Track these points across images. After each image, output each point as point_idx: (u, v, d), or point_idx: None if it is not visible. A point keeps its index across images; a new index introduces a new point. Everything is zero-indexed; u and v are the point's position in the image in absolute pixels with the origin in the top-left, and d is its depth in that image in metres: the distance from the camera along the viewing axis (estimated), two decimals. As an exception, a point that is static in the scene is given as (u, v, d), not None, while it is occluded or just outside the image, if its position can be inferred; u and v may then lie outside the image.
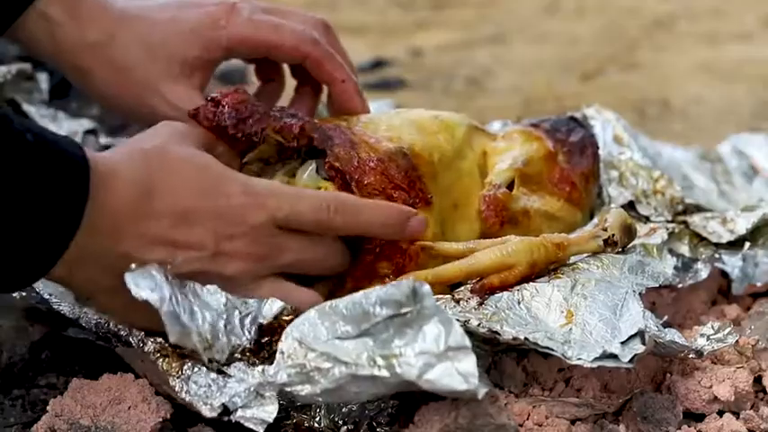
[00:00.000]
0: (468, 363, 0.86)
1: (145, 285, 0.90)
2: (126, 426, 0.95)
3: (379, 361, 0.88)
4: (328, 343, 0.89)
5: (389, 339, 0.88)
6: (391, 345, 0.88)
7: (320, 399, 0.90)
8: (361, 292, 0.90)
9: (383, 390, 0.89)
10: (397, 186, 1.03)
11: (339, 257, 1.01)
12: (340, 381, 0.89)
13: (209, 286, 0.94)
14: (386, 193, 1.03)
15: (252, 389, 0.91)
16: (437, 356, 0.86)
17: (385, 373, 0.87)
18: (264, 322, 0.96)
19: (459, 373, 0.86)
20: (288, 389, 0.90)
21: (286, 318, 0.97)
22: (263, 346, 0.96)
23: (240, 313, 0.96)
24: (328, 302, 0.91)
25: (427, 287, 0.88)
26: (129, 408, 0.96)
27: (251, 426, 0.90)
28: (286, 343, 0.90)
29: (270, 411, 0.90)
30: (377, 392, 0.90)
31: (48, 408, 0.98)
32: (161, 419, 0.96)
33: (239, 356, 0.95)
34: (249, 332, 0.96)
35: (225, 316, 0.94)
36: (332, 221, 0.98)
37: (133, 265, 0.90)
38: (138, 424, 0.95)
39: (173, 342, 0.91)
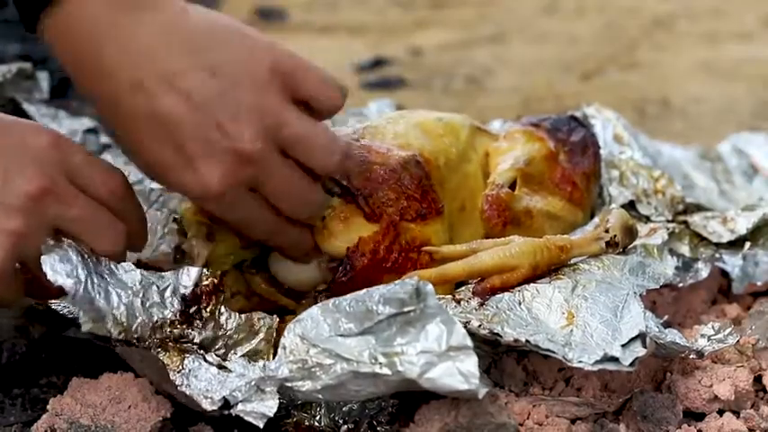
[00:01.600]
0: (470, 363, 0.86)
1: (61, 269, 0.91)
2: (126, 425, 0.95)
3: (381, 359, 0.88)
4: (330, 339, 0.89)
5: (392, 337, 0.88)
6: (393, 343, 0.88)
7: (320, 395, 0.90)
8: (364, 290, 0.90)
9: (383, 388, 0.89)
10: (410, 197, 1.03)
11: (115, 238, 0.96)
12: (341, 377, 0.89)
13: (123, 264, 0.95)
14: (399, 203, 1.02)
15: (252, 383, 0.91)
16: (439, 356, 0.86)
17: (386, 371, 0.87)
18: (187, 292, 0.97)
19: (460, 372, 0.86)
20: (288, 384, 0.90)
21: (206, 282, 0.97)
22: (193, 315, 0.97)
23: (158, 288, 0.96)
24: (332, 300, 0.91)
25: (430, 287, 0.88)
26: (130, 407, 0.96)
27: (251, 420, 0.90)
28: (288, 338, 0.90)
29: (270, 406, 0.90)
30: (377, 390, 0.90)
31: (48, 407, 0.98)
32: (161, 418, 0.96)
33: (168, 330, 0.96)
34: (172, 305, 0.96)
35: (142, 293, 0.95)
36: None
37: (51, 241, 0.92)
38: (138, 423, 0.96)
39: (84, 331, 0.92)
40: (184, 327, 0.96)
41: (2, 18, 1.77)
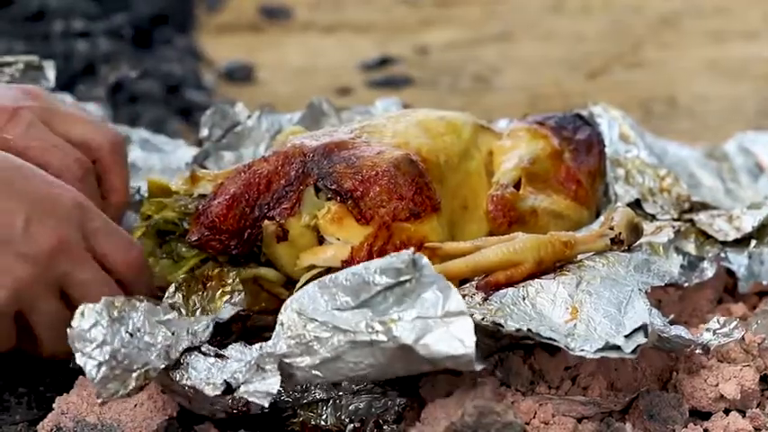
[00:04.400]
0: (465, 328, 0.86)
1: (91, 345, 0.90)
2: (132, 423, 0.96)
3: (378, 326, 0.88)
4: (327, 313, 0.90)
5: (388, 308, 0.89)
6: (390, 311, 0.88)
7: (320, 372, 0.90)
8: (362, 264, 0.91)
9: (381, 358, 0.89)
10: (403, 196, 1.03)
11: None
12: (338, 349, 0.89)
13: (147, 324, 0.94)
14: (390, 203, 1.02)
15: (252, 362, 0.91)
16: (434, 321, 0.87)
17: (382, 337, 0.88)
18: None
19: (455, 337, 0.86)
20: (287, 360, 0.90)
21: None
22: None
23: (189, 333, 0.96)
24: (328, 276, 0.91)
25: (426, 259, 0.88)
26: (135, 405, 0.96)
27: (255, 400, 0.90)
28: (285, 315, 0.91)
29: (273, 383, 0.90)
30: (374, 361, 0.89)
31: (53, 405, 0.98)
32: (167, 417, 0.96)
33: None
34: (204, 336, 0.96)
35: (173, 342, 0.94)
36: None
37: (83, 311, 0.91)
38: (143, 422, 0.96)
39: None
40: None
41: (7, 17, 1.78)
